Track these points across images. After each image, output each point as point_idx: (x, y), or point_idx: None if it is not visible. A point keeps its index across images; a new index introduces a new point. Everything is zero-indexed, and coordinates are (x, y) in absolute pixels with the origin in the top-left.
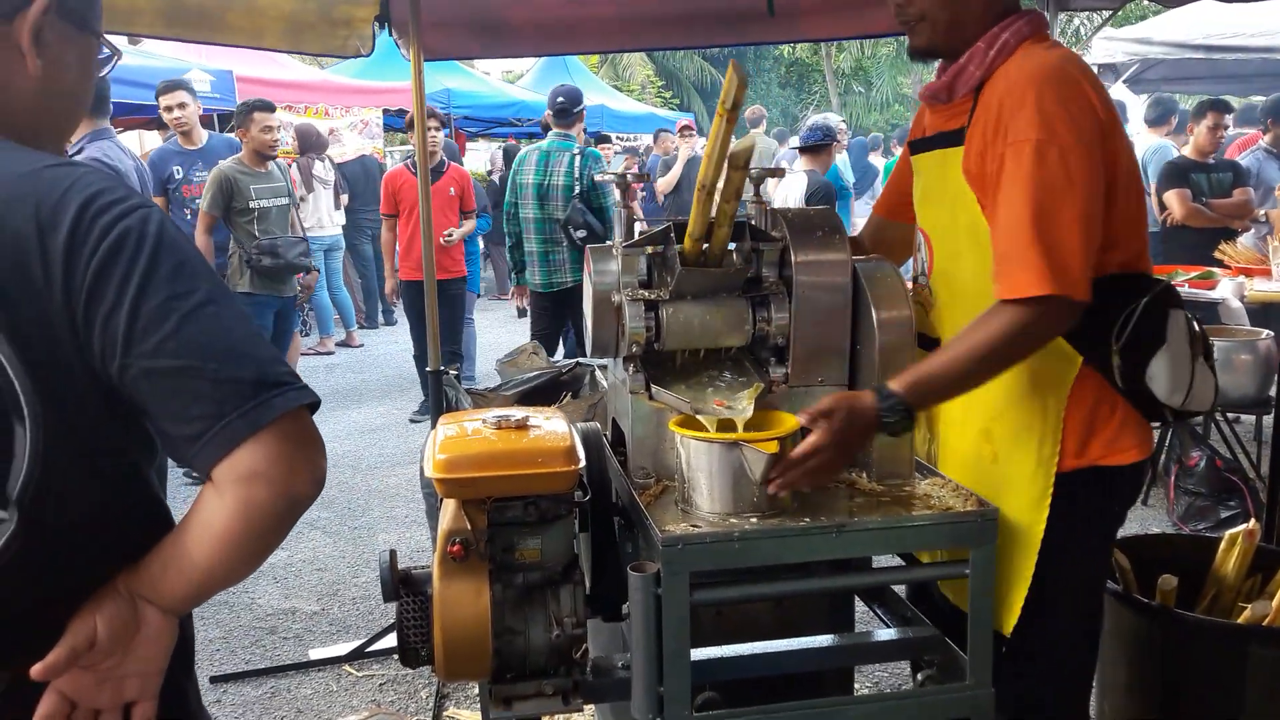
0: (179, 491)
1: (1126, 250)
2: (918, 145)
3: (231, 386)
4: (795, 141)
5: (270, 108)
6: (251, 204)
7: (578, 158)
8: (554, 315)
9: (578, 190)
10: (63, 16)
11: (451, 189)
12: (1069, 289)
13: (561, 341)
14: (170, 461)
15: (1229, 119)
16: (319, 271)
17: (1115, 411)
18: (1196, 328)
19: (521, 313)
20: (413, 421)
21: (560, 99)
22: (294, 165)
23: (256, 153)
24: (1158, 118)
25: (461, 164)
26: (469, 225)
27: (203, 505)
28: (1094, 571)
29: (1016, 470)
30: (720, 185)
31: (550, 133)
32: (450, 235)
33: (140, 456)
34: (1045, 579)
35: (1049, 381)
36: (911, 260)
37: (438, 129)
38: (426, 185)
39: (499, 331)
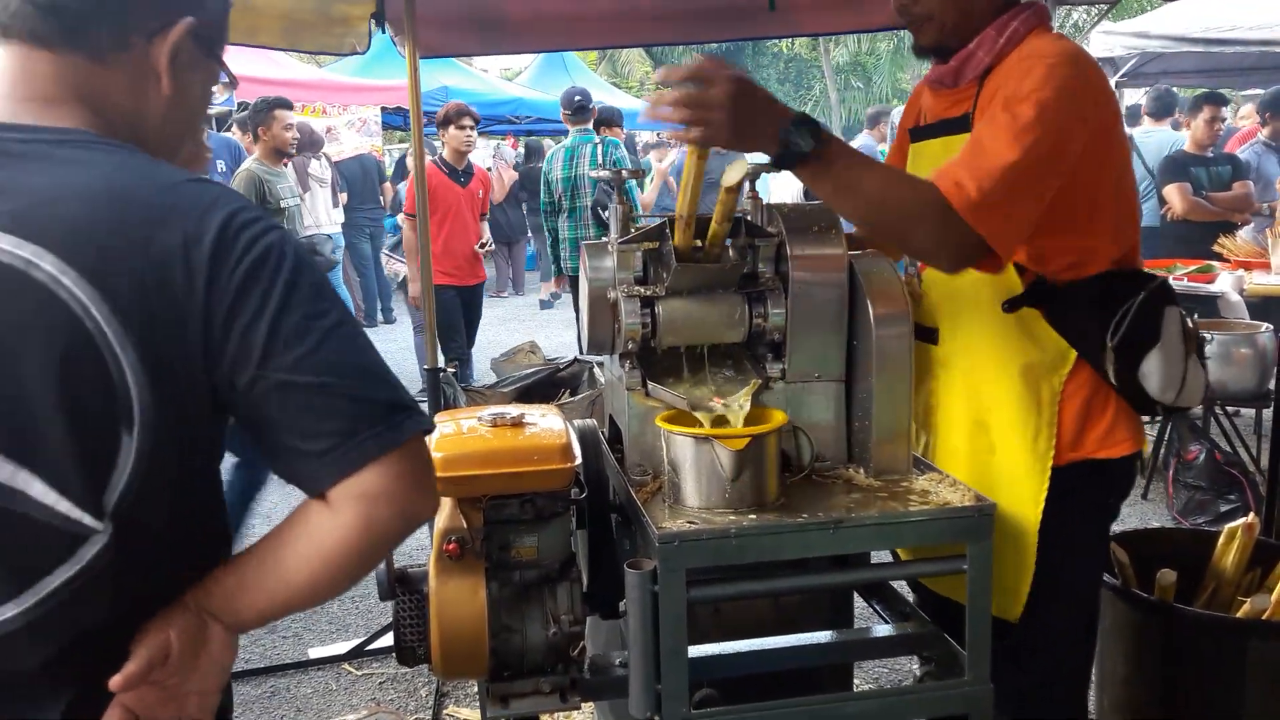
0: None
1: (1124, 244)
2: (918, 133)
3: (367, 406)
4: None
5: (290, 105)
6: (282, 204)
7: (599, 147)
8: None
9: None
10: (196, 42)
11: (480, 191)
12: (1003, 248)
13: None
14: None
15: (1225, 111)
16: None
17: (1109, 405)
18: (1190, 324)
19: (544, 304)
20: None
21: (577, 97)
22: (290, 164)
23: (277, 151)
24: (1162, 110)
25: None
26: (485, 228)
27: (309, 522)
28: (1092, 565)
29: (1013, 463)
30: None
31: (571, 130)
32: (489, 243)
33: (218, 468)
34: (1044, 573)
35: (1043, 376)
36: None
37: (472, 127)
38: (423, 183)
39: (497, 329)
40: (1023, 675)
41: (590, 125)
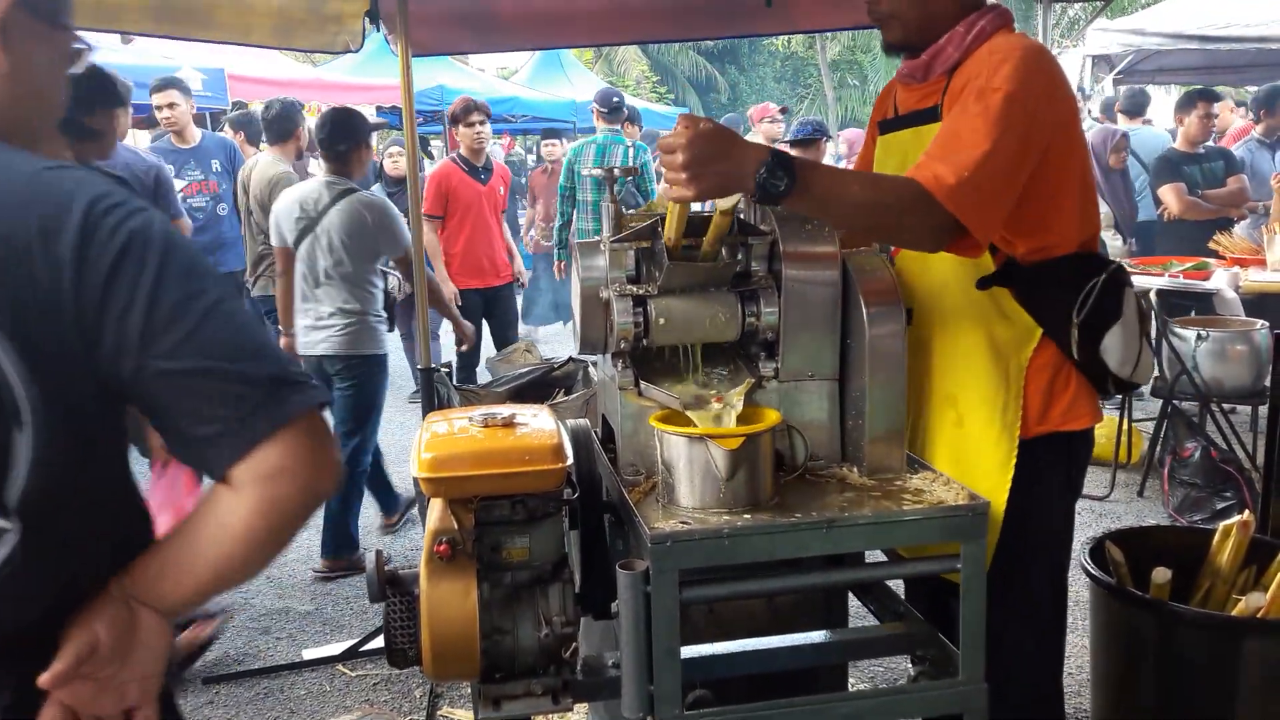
0: None
1: (1087, 230)
2: (887, 125)
3: (252, 385)
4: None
5: (300, 106)
6: None
7: (630, 149)
8: None
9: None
10: (32, 13)
11: (501, 188)
12: (980, 231)
13: None
14: None
15: (1217, 107)
16: None
17: (1071, 381)
18: (1143, 305)
19: None
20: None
21: (615, 98)
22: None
23: (298, 151)
24: (1136, 108)
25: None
26: (511, 240)
27: (216, 505)
28: (1056, 541)
29: (982, 434)
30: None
31: (602, 129)
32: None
33: (125, 456)
34: (1010, 548)
35: (1010, 351)
36: None
37: (482, 122)
38: (416, 184)
39: None
40: (994, 667)
41: (619, 125)
